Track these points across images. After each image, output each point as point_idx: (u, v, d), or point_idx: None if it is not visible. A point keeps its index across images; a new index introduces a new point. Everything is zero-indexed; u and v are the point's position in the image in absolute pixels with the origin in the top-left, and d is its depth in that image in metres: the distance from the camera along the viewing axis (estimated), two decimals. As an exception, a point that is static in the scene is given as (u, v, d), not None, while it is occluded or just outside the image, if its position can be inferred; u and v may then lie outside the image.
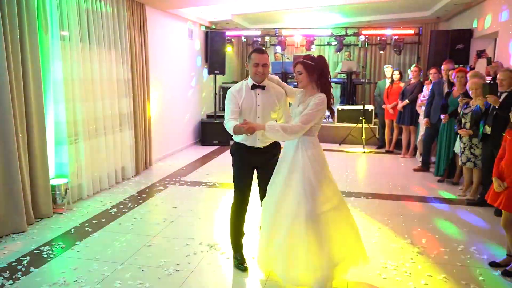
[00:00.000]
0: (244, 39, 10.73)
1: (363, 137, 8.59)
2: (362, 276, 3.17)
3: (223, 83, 10.30)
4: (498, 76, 4.62)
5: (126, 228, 4.15)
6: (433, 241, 3.91)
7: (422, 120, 6.94)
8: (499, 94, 4.59)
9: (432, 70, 6.86)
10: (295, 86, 3.34)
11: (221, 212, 4.63)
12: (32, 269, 3.26)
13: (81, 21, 4.93)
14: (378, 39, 9.30)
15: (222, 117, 3.33)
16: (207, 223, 4.34)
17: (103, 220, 4.36)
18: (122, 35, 5.76)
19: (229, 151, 3.52)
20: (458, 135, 5.40)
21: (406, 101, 7.51)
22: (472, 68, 6.69)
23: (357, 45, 10.16)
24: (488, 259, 3.51)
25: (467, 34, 8.14)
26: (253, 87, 3.20)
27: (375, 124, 9.06)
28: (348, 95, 10.02)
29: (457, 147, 5.51)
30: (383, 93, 8.35)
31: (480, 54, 6.93)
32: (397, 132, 8.23)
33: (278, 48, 10.28)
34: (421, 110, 7.19)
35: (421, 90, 7.38)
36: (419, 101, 7.27)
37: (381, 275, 3.22)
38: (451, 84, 6.19)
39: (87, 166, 5.09)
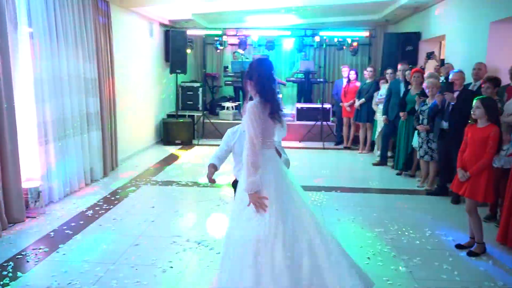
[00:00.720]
0: (204, 39, 10.74)
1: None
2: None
3: (182, 82, 10.26)
4: (452, 76, 5.08)
5: (108, 229, 4.11)
6: (403, 228, 4.23)
7: (379, 117, 7.40)
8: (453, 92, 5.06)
9: (389, 71, 7.32)
10: None
11: (201, 210, 4.71)
12: (19, 273, 3.17)
13: (49, 17, 4.78)
14: (336, 40, 9.70)
15: (184, 116, 3.45)
16: (189, 221, 4.40)
17: (81, 222, 4.27)
18: (88, 32, 5.62)
19: (194, 150, 3.66)
20: (416, 131, 5.85)
21: (363, 99, 7.95)
22: (423, 69, 7.24)
23: (313, 45, 10.52)
24: (453, 242, 3.89)
25: (415, 37, 8.74)
26: None
27: (332, 121, 9.47)
28: (305, 94, 10.38)
29: (415, 142, 5.96)
30: (340, 92, 8.76)
31: (430, 55, 7.51)
32: (354, 129, 8.68)
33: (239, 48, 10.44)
34: (377, 108, 7.65)
35: (376, 89, 7.84)
36: (376, 100, 7.71)
37: (364, 261, 3.47)
38: (407, 84, 6.65)
39: (58, 168, 4.94)
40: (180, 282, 3.14)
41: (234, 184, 3.25)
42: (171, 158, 7.44)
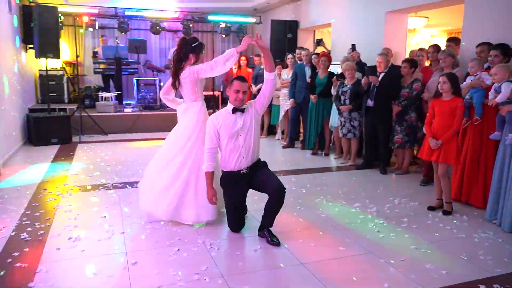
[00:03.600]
0: (77, 19, 9.10)
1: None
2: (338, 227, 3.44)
3: (40, 70, 8.55)
4: (377, 59, 5.56)
5: (76, 253, 3.15)
6: (372, 200, 4.46)
7: (282, 101, 7.60)
8: (378, 74, 5.56)
9: (289, 56, 7.56)
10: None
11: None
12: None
13: None
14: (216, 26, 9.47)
15: (55, 110, 3.09)
16: (166, 224, 3.72)
17: (26, 249, 3.16)
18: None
19: (87, 146, 3.54)
20: (335, 111, 6.23)
21: (261, 84, 8.00)
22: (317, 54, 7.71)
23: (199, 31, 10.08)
24: (420, 205, 4.32)
25: (294, 25, 9.25)
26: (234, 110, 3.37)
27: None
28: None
29: (335, 122, 6.34)
30: (231, 77, 8.64)
31: (319, 42, 8.05)
32: (247, 115, 8.72)
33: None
34: (276, 92, 7.84)
35: (273, 74, 8.02)
36: (279, 83, 7.89)
37: (378, 235, 3.54)
38: (313, 67, 6.99)
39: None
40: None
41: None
42: (64, 160, 6.13)
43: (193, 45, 3.72)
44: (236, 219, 3.54)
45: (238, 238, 3.47)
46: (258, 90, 7.95)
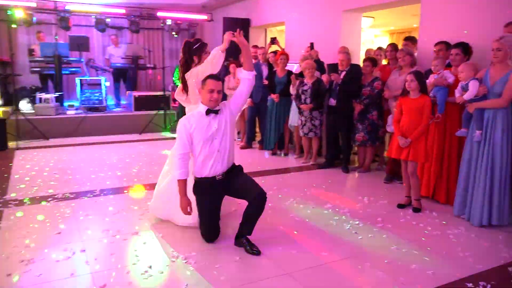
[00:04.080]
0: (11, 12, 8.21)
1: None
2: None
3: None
4: (339, 57, 5.53)
5: (33, 278, 2.75)
6: (342, 201, 4.41)
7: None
8: (339, 72, 5.53)
9: (244, 54, 7.38)
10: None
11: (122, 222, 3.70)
12: None
13: None
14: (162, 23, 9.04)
15: None
16: (130, 237, 3.39)
17: (-31, 278, 2.71)
18: None
19: (27, 153, 3.15)
20: (296, 110, 6.14)
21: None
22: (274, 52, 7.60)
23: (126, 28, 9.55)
24: (389, 203, 4.32)
25: (246, 23, 9.09)
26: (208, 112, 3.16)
27: (174, 109, 8.94)
28: (131, 81, 9.39)
29: (294, 121, 6.25)
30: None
31: (273, 41, 7.94)
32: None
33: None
34: (231, 92, 7.64)
35: (227, 73, 7.80)
36: (230, 84, 7.66)
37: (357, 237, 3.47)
38: (270, 66, 6.86)
39: None
40: None
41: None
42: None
43: (194, 47, 3.64)
44: (211, 228, 3.30)
45: (214, 249, 3.23)
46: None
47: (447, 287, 2.70)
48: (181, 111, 8.56)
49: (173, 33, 9.63)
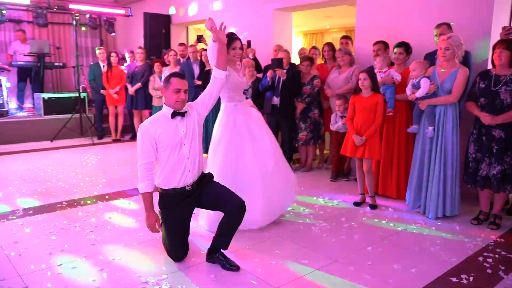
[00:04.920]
0: None
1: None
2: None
3: None
4: (280, 55, 5.41)
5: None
6: (298, 201, 4.26)
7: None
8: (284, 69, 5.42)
9: (171, 53, 6.93)
10: None
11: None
12: None
13: None
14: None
15: None
16: (75, 270, 2.87)
17: None
18: None
19: None
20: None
21: (139, 84, 7.22)
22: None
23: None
24: (344, 202, 4.32)
25: (167, 20, 8.61)
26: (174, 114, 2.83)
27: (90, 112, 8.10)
28: (36, 81, 8.30)
29: (233, 121, 6.01)
30: (99, 77, 7.59)
31: (200, 38, 7.61)
32: (122, 118, 7.79)
33: None
34: (156, 92, 7.13)
35: (152, 72, 7.28)
36: (156, 84, 7.15)
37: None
38: (203, 64, 6.52)
39: None
40: None
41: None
42: None
43: None
44: (181, 246, 2.93)
45: (185, 269, 2.87)
46: (136, 91, 7.20)
47: (436, 285, 2.70)
48: (100, 113, 7.81)
49: (83, 28, 8.76)
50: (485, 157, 3.57)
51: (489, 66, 4.07)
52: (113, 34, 8.56)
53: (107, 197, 4.44)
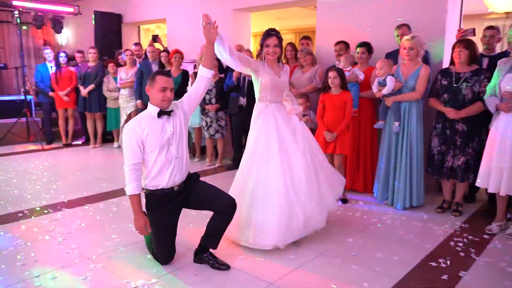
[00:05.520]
0: None
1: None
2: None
3: None
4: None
5: None
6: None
7: (123, 104, 6.73)
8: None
9: (127, 53, 6.71)
10: None
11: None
12: None
13: None
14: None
15: None
16: (55, 282, 2.70)
17: None
18: None
19: None
20: (199, 112, 5.84)
21: (92, 85, 6.91)
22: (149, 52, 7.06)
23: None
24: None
25: (118, 19, 8.32)
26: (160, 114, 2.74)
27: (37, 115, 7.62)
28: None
29: (194, 122, 5.94)
30: (46, 79, 7.19)
31: (155, 38, 7.46)
32: (73, 121, 7.41)
33: None
34: (111, 94, 6.87)
35: (105, 73, 7.00)
36: (111, 85, 6.87)
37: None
38: (162, 64, 6.38)
39: None
40: None
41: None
42: None
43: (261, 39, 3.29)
44: (168, 248, 2.85)
45: (175, 271, 2.79)
46: (89, 93, 6.87)
47: (420, 269, 2.85)
48: (48, 116, 7.37)
49: (24, 26, 8.22)
50: (450, 150, 3.82)
51: (445, 65, 4.38)
52: (58, 34, 8.09)
53: (71, 204, 4.21)
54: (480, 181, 3.52)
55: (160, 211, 2.77)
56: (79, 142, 7.58)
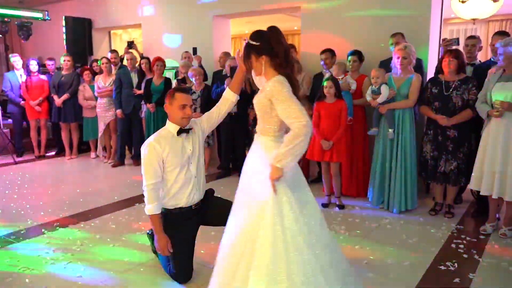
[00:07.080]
0: None
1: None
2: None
3: None
4: (231, 62, 5.40)
5: None
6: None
7: (104, 113, 6.50)
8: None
9: (103, 60, 6.49)
10: None
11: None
12: None
13: None
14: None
15: None
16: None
17: None
18: None
19: None
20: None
21: (67, 95, 6.63)
22: (122, 59, 6.87)
23: None
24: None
25: (89, 24, 8.04)
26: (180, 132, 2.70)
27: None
28: None
29: (182, 131, 5.84)
30: (16, 88, 6.85)
31: (131, 45, 7.29)
32: (46, 132, 7.10)
33: None
34: (88, 103, 6.63)
35: (80, 82, 6.75)
36: (87, 94, 6.62)
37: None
38: (142, 72, 6.23)
39: None
40: None
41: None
42: None
43: None
44: (188, 266, 2.80)
45: (195, 290, 2.76)
46: (63, 103, 6.58)
47: (431, 274, 2.97)
48: (18, 127, 7.00)
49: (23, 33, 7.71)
50: (443, 155, 3.99)
51: (430, 74, 4.58)
52: (24, 41, 7.66)
53: (65, 222, 4.03)
54: (473, 184, 3.71)
55: (178, 230, 2.72)
56: (53, 153, 7.25)
